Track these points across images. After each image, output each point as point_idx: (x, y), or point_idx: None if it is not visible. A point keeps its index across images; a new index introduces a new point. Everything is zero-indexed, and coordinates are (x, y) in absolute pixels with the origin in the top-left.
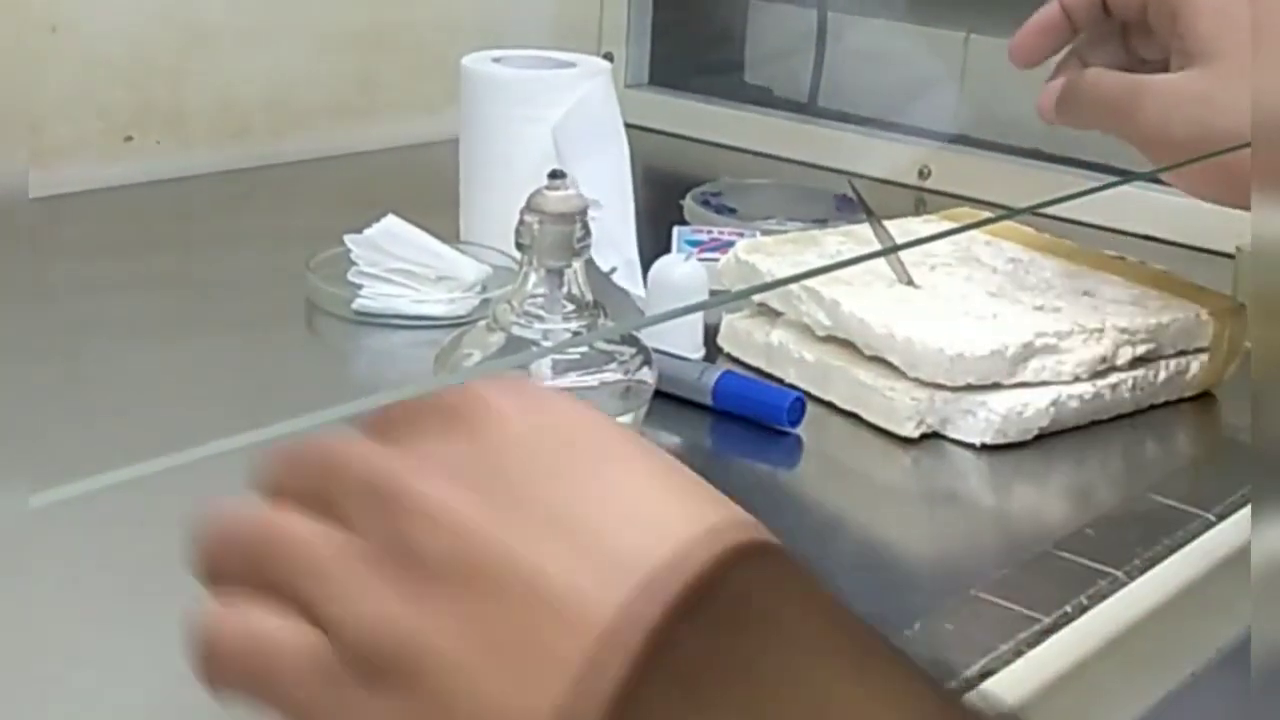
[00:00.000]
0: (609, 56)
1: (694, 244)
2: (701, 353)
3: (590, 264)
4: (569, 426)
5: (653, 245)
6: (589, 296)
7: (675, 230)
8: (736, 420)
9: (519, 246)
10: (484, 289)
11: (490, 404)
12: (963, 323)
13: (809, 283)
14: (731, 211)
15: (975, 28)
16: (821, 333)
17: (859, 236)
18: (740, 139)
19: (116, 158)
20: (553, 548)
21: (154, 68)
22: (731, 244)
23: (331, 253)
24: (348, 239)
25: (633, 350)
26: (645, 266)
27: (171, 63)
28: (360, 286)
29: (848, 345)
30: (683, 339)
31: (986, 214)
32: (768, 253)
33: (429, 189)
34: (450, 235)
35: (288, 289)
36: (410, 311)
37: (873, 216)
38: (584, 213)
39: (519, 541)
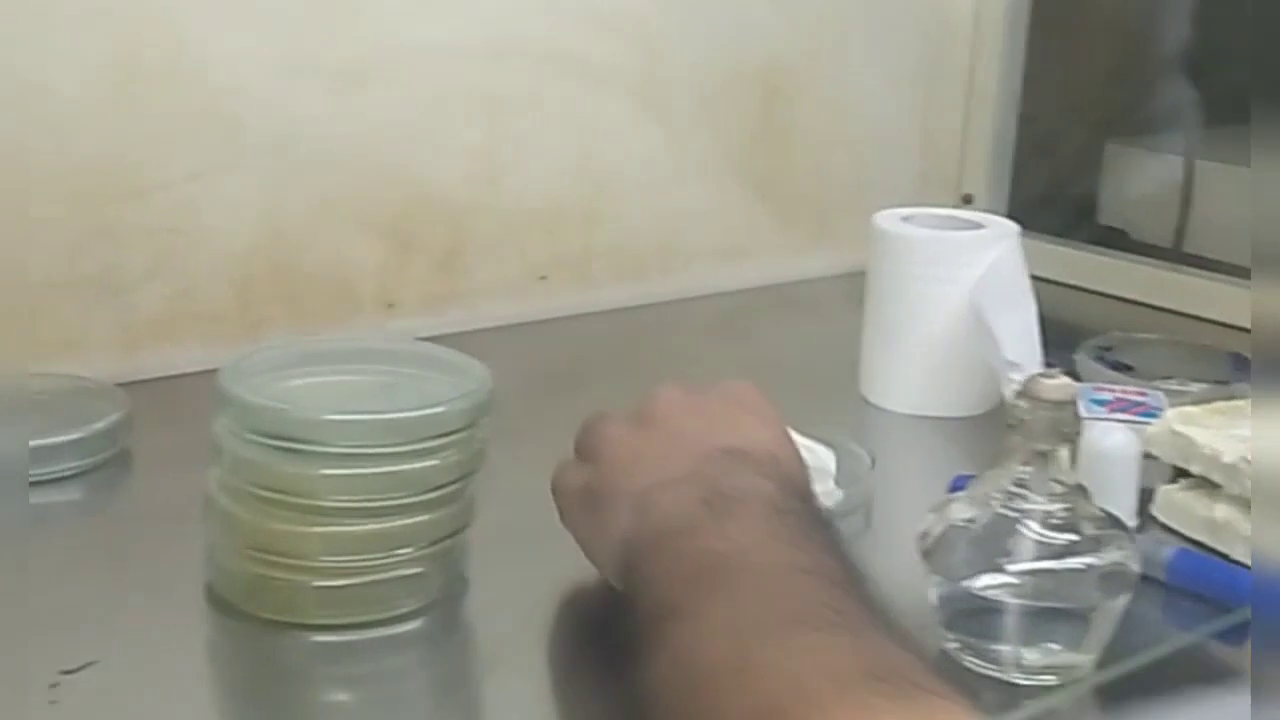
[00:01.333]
0: (968, 198)
1: (1101, 403)
2: (1136, 522)
3: None
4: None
5: None
6: (1074, 480)
7: (1079, 388)
8: (1188, 596)
9: (1008, 427)
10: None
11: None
12: None
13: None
14: (1128, 369)
15: None
16: None
17: None
18: (1103, 284)
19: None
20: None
21: (567, 217)
22: (1137, 404)
23: None
24: None
25: (1120, 534)
26: None
27: (579, 210)
28: None
29: None
30: (1118, 507)
31: None
32: (1201, 424)
33: (805, 326)
34: (848, 383)
35: None
36: None
37: None
38: (1075, 401)
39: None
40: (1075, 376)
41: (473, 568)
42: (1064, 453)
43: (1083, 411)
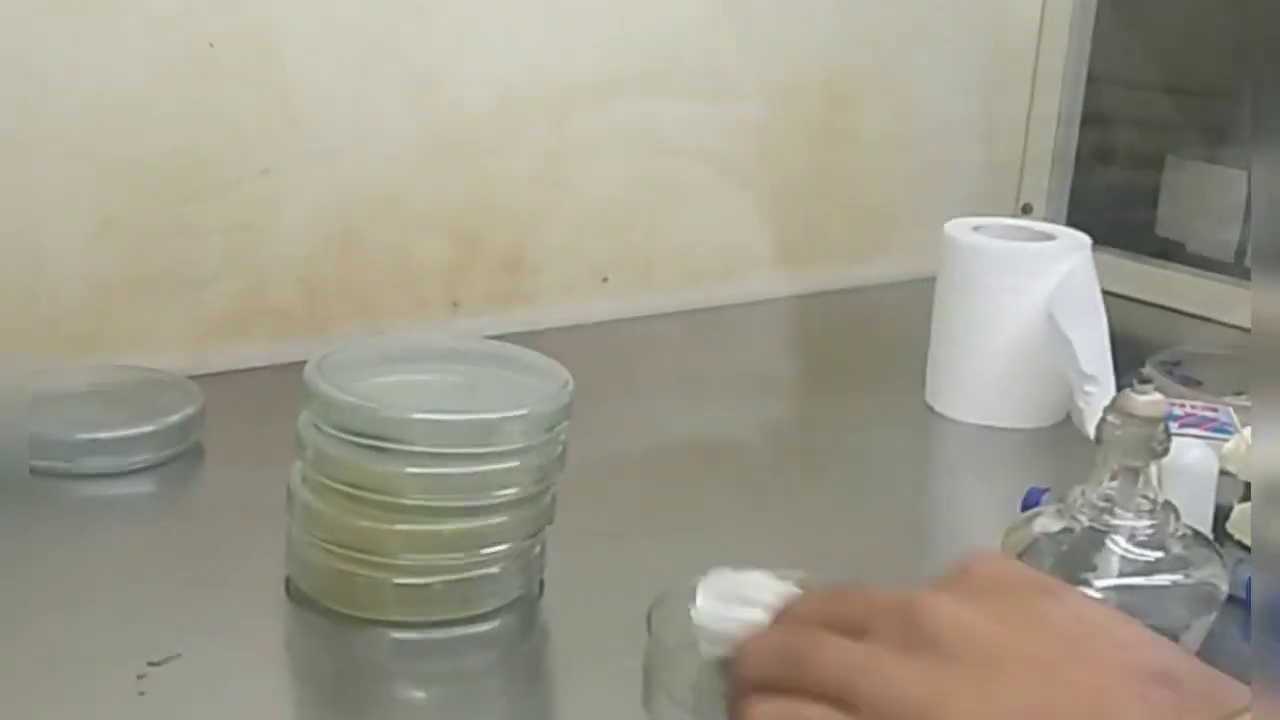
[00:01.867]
0: (1028, 208)
1: (1172, 418)
2: (1211, 538)
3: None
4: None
5: None
6: (1163, 497)
7: None
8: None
9: (1097, 440)
10: None
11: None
12: None
13: None
14: (1197, 383)
15: None
16: None
17: None
18: (1167, 297)
19: (594, 297)
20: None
21: (631, 219)
22: (1208, 420)
23: None
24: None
25: (1208, 553)
26: None
27: (642, 213)
28: None
29: None
30: (1194, 522)
31: None
32: None
33: (866, 333)
34: (916, 390)
35: None
36: None
37: None
38: (1167, 418)
39: (1024, 640)
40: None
41: (550, 569)
42: (1153, 469)
43: None
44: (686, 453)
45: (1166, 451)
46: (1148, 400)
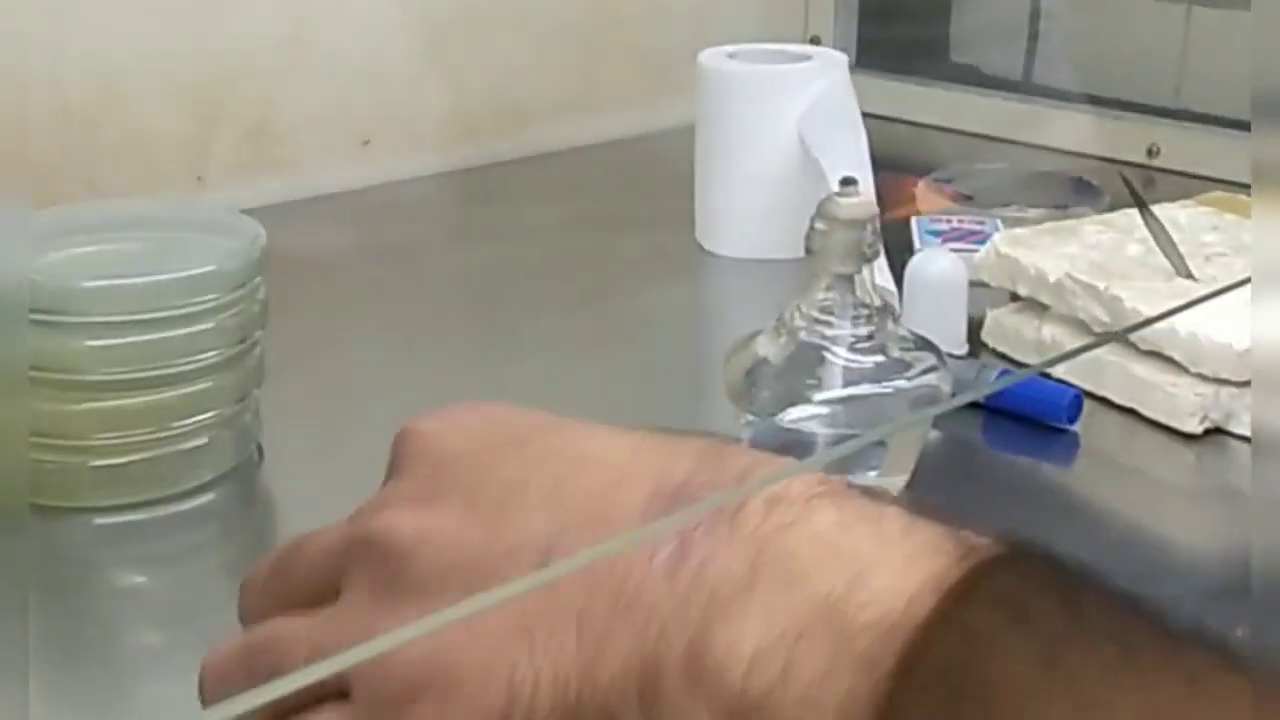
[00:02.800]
0: (815, 40)
1: (936, 234)
2: (965, 348)
3: None
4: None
5: (889, 235)
6: (878, 301)
7: (914, 220)
8: (1009, 417)
9: (808, 251)
10: None
11: (418, 430)
12: (1246, 315)
13: (1082, 277)
14: (967, 199)
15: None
16: (1099, 328)
17: (1118, 225)
18: (954, 120)
19: (355, 162)
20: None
21: (390, 75)
22: (973, 233)
23: None
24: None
25: (928, 355)
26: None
27: (404, 68)
28: None
29: (1123, 340)
30: (947, 335)
31: (1245, 196)
32: (1029, 245)
33: (658, 181)
34: (686, 229)
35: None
36: None
37: (1146, 209)
38: (875, 218)
39: (503, 536)
40: (916, 210)
41: (268, 435)
42: (866, 274)
43: (918, 244)
44: (445, 308)
45: (878, 254)
46: (852, 203)
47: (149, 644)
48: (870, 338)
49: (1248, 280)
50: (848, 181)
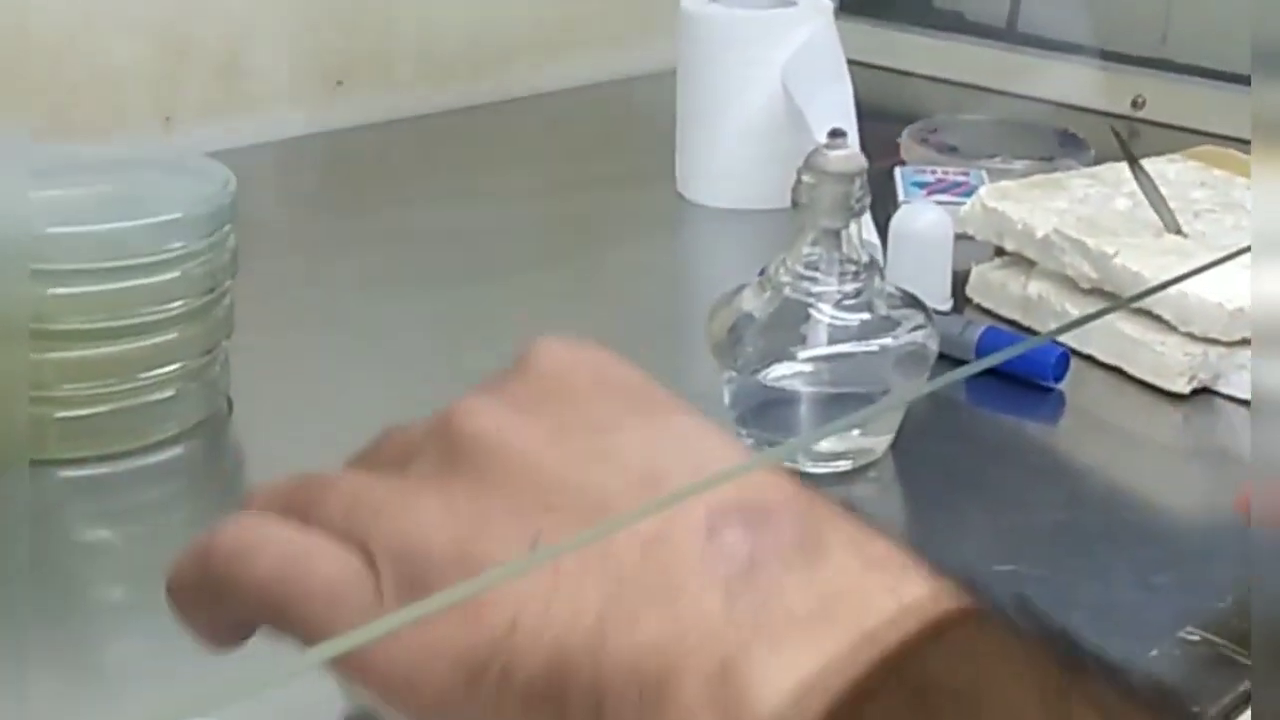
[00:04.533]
0: None
1: (920, 185)
2: (950, 304)
3: None
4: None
5: (871, 186)
6: (865, 257)
7: (898, 171)
8: (994, 375)
9: (794, 205)
10: None
11: (549, 347)
12: (1237, 274)
13: (1070, 232)
14: (952, 149)
15: None
16: (1087, 285)
17: (1104, 179)
18: (937, 69)
19: (326, 104)
20: (621, 480)
21: (362, 12)
22: (958, 185)
23: None
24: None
25: (916, 313)
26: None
27: (378, 7)
28: None
29: (1111, 298)
30: (931, 290)
31: (1234, 151)
32: (1015, 199)
33: (638, 128)
34: (666, 178)
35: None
36: None
37: (1135, 163)
38: (863, 172)
39: (579, 471)
40: (900, 161)
41: (236, 386)
42: (854, 229)
43: (901, 196)
44: (419, 259)
45: (865, 209)
46: (841, 155)
47: (114, 600)
48: (857, 294)
49: (1248, 249)
50: (836, 134)
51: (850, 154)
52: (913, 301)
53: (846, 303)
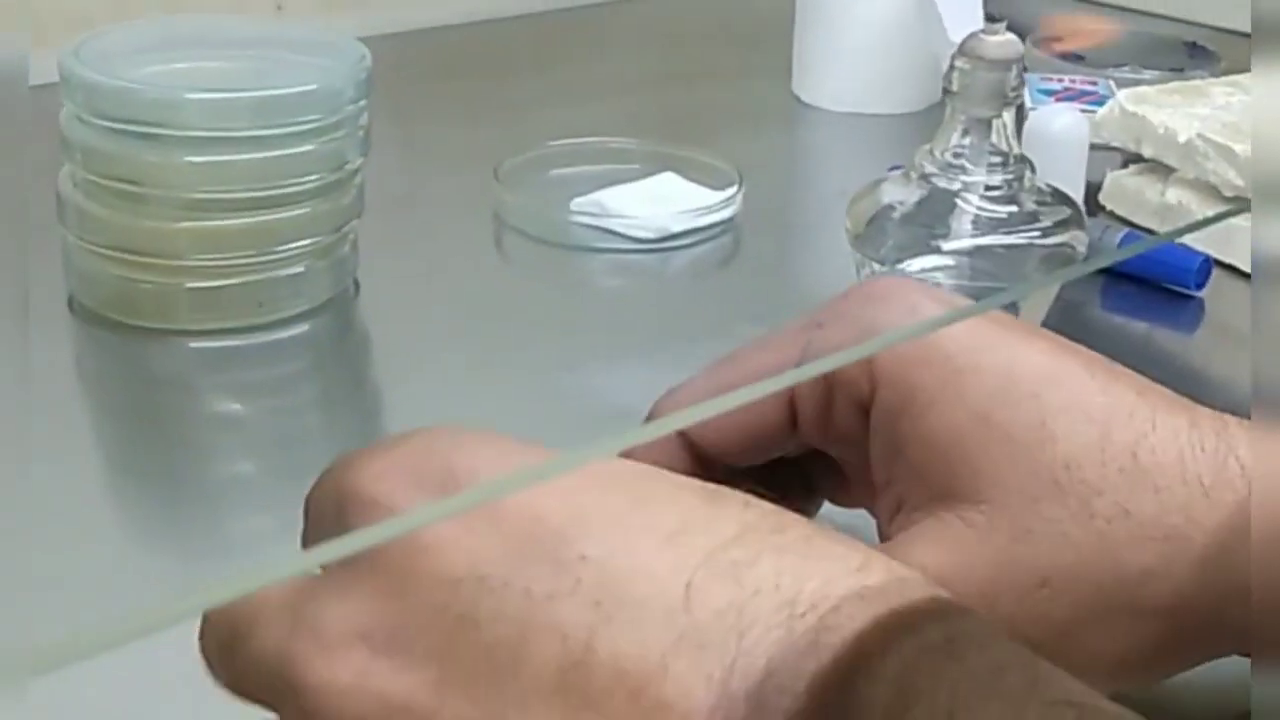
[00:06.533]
0: None
1: (1048, 93)
2: (1083, 210)
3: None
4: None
5: None
6: (1017, 149)
7: (1025, 78)
8: (1132, 281)
9: (945, 93)
10: None
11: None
12: None
13: (1213, 136)
14: (1078, 58)
15: None
16: (1230, 192)
17: (1246, 87)
18: None
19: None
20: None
21: None
22: (1087, 93)
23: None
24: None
25: (1064, 209)
26: None
27: None
28: None
29: None
30: None
31: None
32: (1156, 104)
33: (751, 25)
34: (783, 76)
35: None
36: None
37: None
38: (1021, 60)
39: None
40: (1024, 68)
41: (364, 268)
42: (1006, 118)
43: (1029, 102)
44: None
45: (1020, 99)
46: (998, 41)
47: (241, 472)
48: (1007, 186)
49: None
50: (993, 19)
51: (1009, 40)
52: (1063, 199)
53: (994, 194)
